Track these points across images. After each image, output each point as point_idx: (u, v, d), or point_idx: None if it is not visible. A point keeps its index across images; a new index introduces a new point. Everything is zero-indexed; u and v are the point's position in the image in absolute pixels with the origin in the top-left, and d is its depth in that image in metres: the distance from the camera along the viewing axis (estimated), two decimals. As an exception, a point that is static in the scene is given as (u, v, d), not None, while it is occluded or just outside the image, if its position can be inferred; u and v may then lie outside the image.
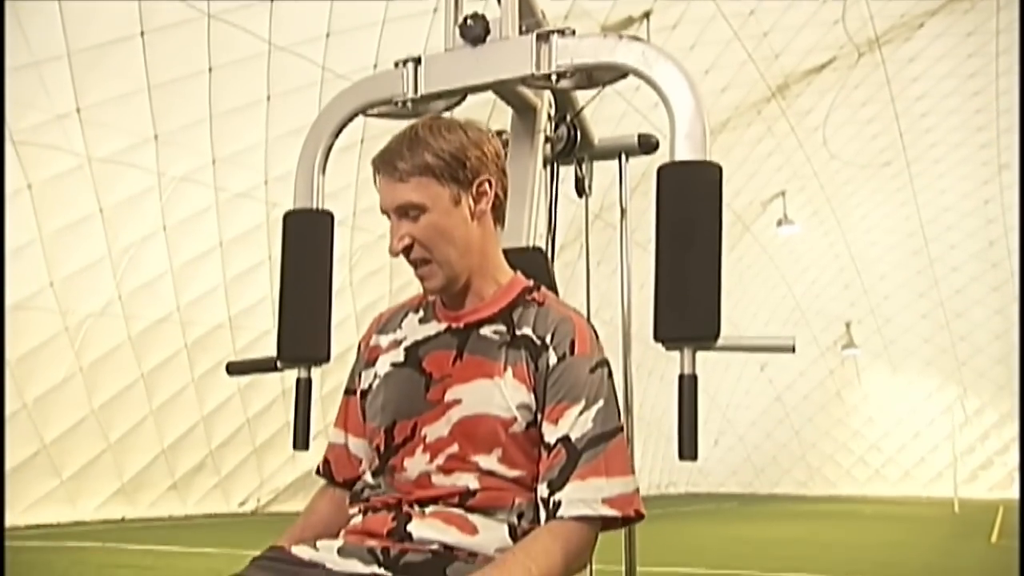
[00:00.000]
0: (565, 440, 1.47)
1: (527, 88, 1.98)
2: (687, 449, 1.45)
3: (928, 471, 26.22)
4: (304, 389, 1.82)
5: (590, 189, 2.42)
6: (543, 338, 1.53)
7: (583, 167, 2.39)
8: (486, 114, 2.07)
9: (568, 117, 2.25)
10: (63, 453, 10.52)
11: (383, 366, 1.62)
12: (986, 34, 16.16)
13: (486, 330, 1.56)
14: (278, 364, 1.83)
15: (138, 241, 10.33)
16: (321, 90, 9.94)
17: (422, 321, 1.63)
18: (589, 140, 2.32)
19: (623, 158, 2.41)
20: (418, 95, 1.77)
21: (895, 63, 16.81)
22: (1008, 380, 23.79)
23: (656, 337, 1.47)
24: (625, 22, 12.25)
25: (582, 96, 2.15)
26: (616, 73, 1.70)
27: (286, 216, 1.83)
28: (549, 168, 2.25)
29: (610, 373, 1.55)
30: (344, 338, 2.50)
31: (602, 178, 2.43)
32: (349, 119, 1.86)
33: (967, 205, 22.15)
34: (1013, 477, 23.91)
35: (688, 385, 1.45)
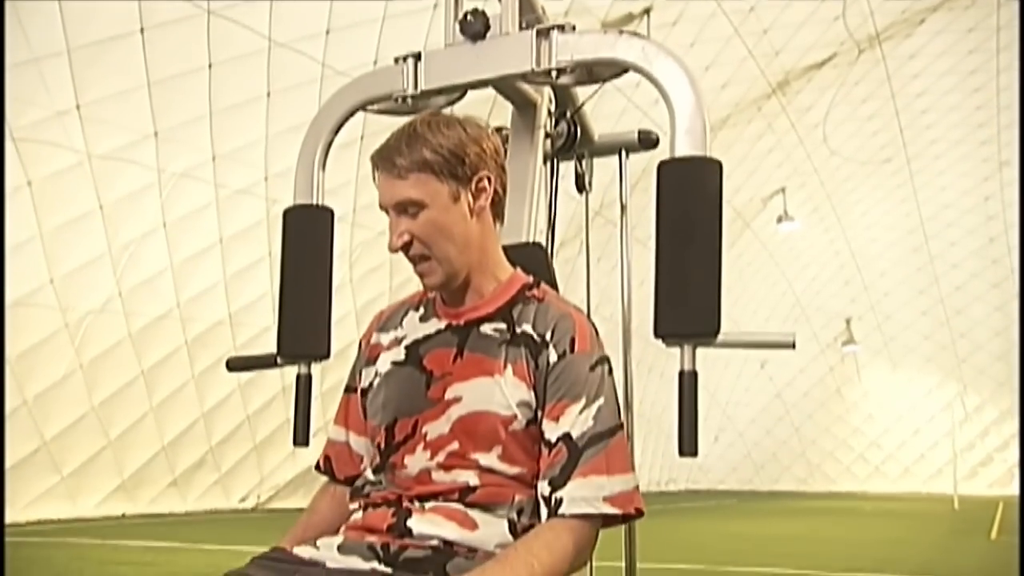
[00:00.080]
0: (566, 438, 1.47)
1: (527, 84, 1.98)
2: (687, 445, 1.45)
3: (928, 468, 26.24)
4: (304, 385, 1.82)
5: (590, 185, 2.42)
6: (543, 335, 1.53)
7: (583, 163, 2.39)
8: (486, 110, 2.06)
9: (568, 113, 2.25)
10: (63, 450, 10.53)
11: (384, 364, 1.61)
12: (987, 30, 16.14)
13: (486, 328, 1.55)
14: (278, 360, 1.83)
15: (138, 238, 10.33)
16: (321, 87, 9.95)
17: (423, 319, 1.63)
18: (589, 136, 2.32)
19: (623, 154, 2.40)
20: (418, 91, 1.76)
21: (895, 59, 16.80)
22: (1008, 377, 23.79)
23: (656, 333, 1.47)
24: (625, 19, 12.24)
25: (582, 92, 2.15)
26: (616, 69, 1.69)
27: (286, 212, 1.83)
28: (549, 164, 2.24)
29: (610, 370, 1.54)
30: (344, 335, 2.50)
31: (602, 175, 2.43)
32: (349, 115, 1.85)
33: (967, 202, 22.14)
34: (1013, 473, 23.93)
35: (688, 381, 1.45)
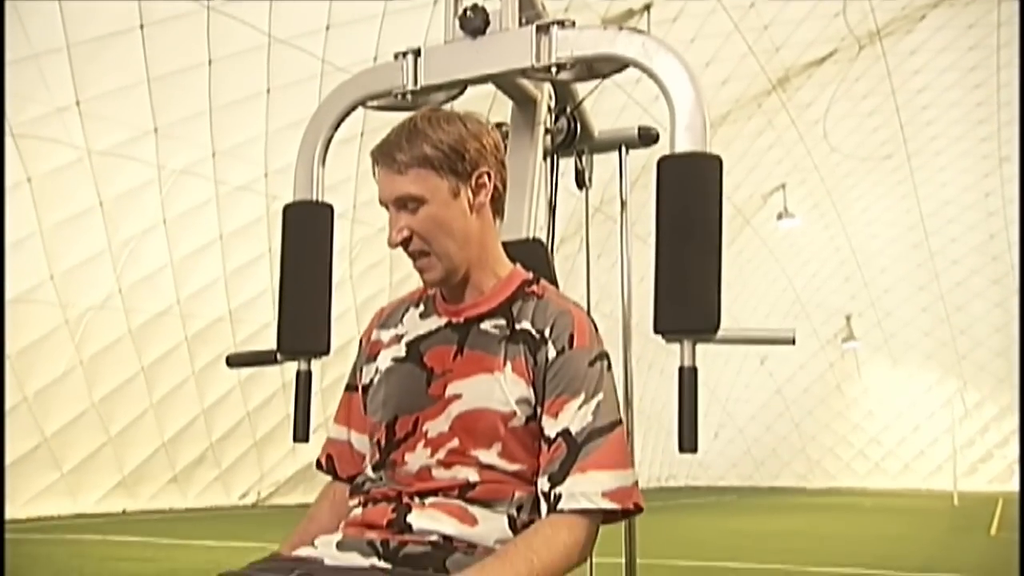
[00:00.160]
0: (565, 433, 1.47)
1: (527, 80, 1.97)
2: (687, 441, 1.44)
3: (928, 464, 26.26)
4: (304, 381, 1.82)
5: (590, 182, 2.42)
6: (542, 331, 1.53)
7: (583, 159, 2.38)
8: (486, 106, 2.06)
9: (568, 109, 2.24)
10: (64, 446, 10.54)
11: (384, 361, 1.61)
12: (987, 27, 16.13)
13: (486, 324, 1.55)
14: (278, 357, 1.82)
15: (138, 234, 10.34)
16: (321, 83, 9.94)
17: (423, 316, 1.63)
18: (589, 132, 2.32)
19: (623, 150, 2.40)
20: (418, 87, 1.76)
21: (896, 56, 16.79)
22: (1008, 373, 23.81)
23: (656, 329, 1.47)
24: (625, 15, 12.24)
25: (582, 88, 2.15)
26: (616, 65, 1.69)
27: (286, 208, 1.82)
28: (549, 160, 2.24)
29: (609, 366, 1.54)
30: (344, 331, 2.50)
31: (602, 171, 2.43)
32: (349, 111, 1.85)
33: (968, 198, 22.14)
34: (1013, 470, 23.95)
35: (688, 377, 1.45)
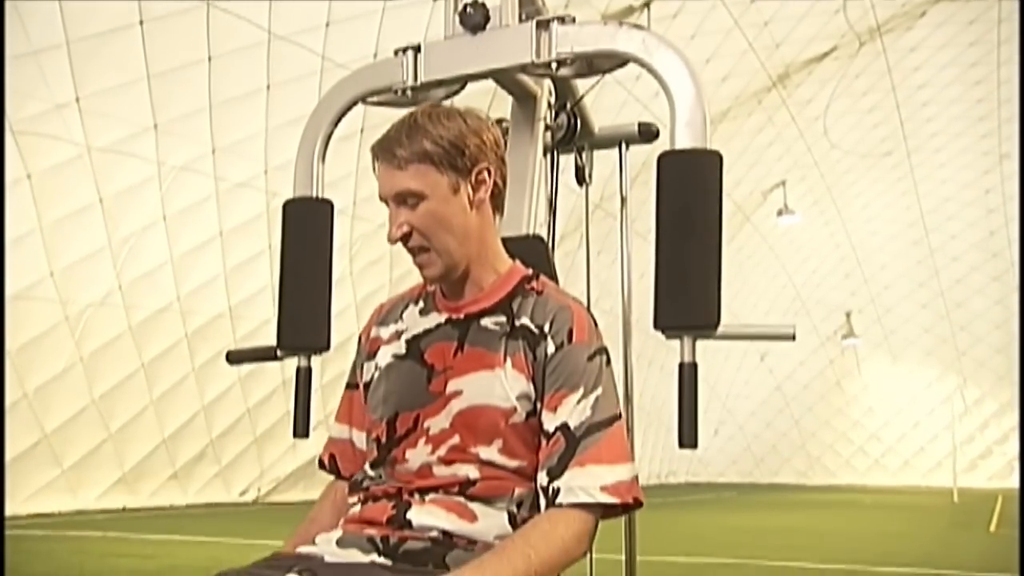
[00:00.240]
0: (564, 428, 1.47)
1: (527, 76, 1.97)
2: (687, 437, 1.45)
3: (928, 460, 26.28)
4: (304, 378, 1.82)
5: (590, 178, 2.42)
6: (541, 327, 1.52)
7: (583, 156, 2.38)
8: (487, 102, 2.06)
9: (568, 105, 2.24)
10: (64, 443, 10.54)
11: (384, 357, 1.61)
12: (988, 23, 16.11)
13: (486, 321, 1.55)
14: (278, 353, 1.82)
15: (138, 231, 10.33)
16: (321, 79, 9.93)
17: (423, 312, 1.63)
18: (589, 128, 2.31)
19: (623, 147, 2.40)
20: (418, 83, 1.76)
21: (896, 52, 16.77)
22: (1008, 370, 23.83)
23: (656, 325, 1.47)
24: (625, 11, 12.22)
25: (582, 84, 2.14)
26: (616, 61, 1.69)
27: (286, 204, 1.82)
28: (549, 156, 2.24)
29: (609, 361, 1.54)
30: (344, 327, 2.49)
31: (602, 168, 2.43)
32: (349, 107, 1.85)
33: (968, 195, 22.13)
34: (1012, 466, 23.97)
35: (688, 373, 1.45)
